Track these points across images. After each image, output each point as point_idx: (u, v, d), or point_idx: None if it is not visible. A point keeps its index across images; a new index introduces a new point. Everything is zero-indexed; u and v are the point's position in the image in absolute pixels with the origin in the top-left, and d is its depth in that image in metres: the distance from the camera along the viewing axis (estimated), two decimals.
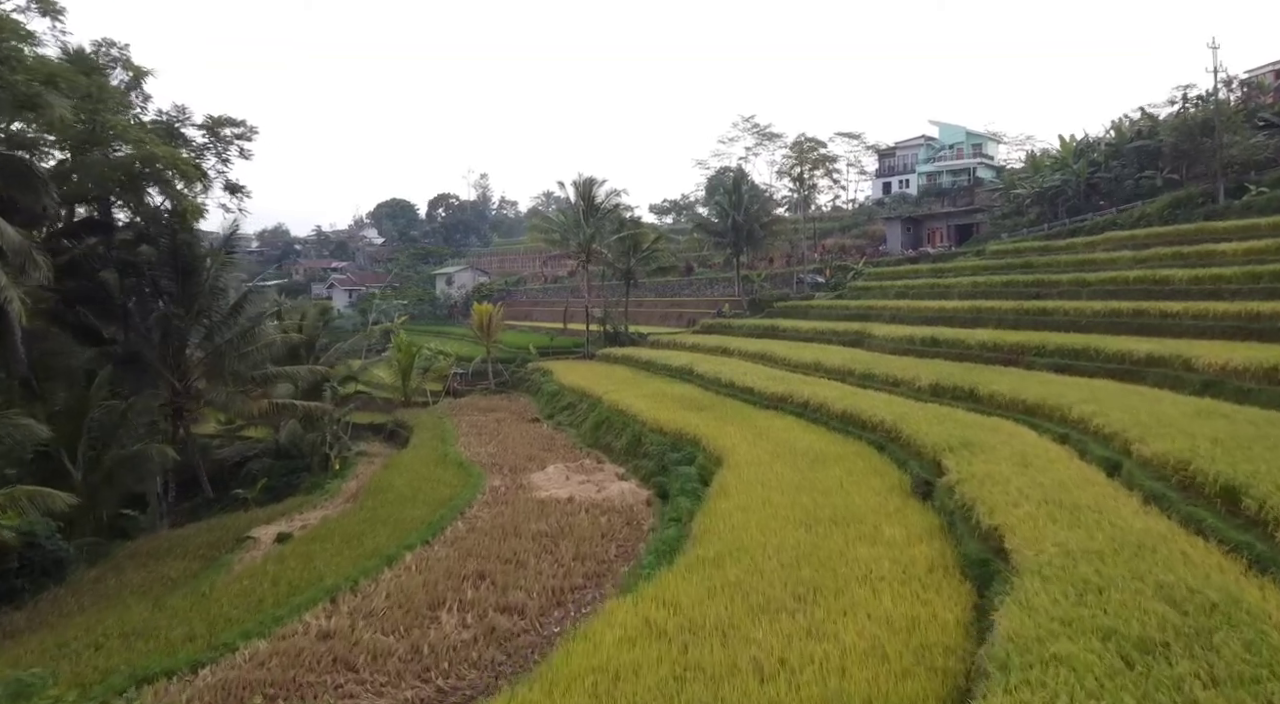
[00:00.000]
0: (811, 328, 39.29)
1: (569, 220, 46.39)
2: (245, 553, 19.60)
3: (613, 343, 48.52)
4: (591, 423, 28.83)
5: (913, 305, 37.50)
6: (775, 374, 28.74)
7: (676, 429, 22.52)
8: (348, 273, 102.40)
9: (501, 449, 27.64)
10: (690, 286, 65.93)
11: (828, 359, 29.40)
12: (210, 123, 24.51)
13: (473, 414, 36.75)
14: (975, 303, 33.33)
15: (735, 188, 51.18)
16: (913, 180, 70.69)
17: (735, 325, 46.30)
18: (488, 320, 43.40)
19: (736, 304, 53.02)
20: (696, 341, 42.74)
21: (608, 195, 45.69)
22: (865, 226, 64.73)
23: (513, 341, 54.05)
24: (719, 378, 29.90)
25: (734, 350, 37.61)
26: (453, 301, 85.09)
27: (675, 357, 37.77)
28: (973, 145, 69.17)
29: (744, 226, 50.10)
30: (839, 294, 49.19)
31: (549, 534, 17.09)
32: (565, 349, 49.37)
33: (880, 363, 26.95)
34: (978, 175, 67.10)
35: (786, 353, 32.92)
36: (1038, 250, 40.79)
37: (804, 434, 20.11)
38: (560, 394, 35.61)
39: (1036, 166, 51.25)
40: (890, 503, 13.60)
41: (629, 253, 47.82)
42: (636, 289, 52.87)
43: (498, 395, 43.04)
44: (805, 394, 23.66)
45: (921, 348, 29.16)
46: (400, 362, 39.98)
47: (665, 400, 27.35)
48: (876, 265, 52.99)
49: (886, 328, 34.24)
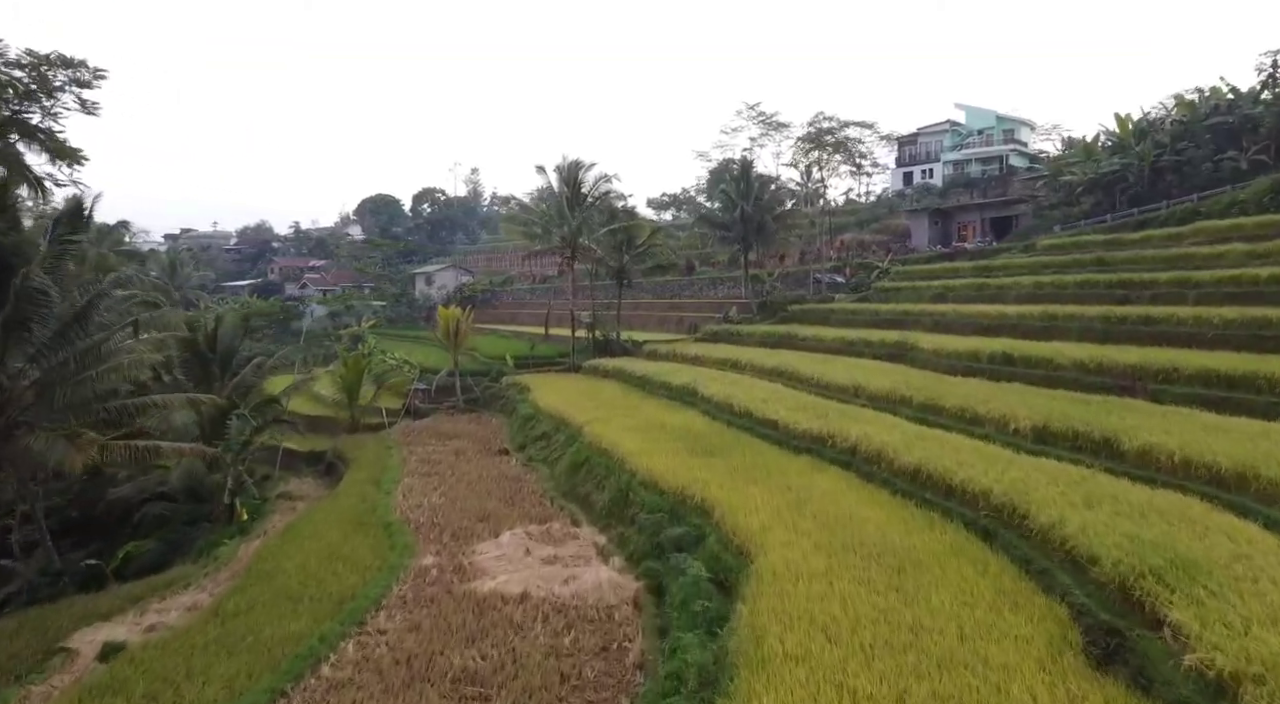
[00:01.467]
0: (837, 337, 33.13)
1: (551, 211, 40.23)
2: (47, 679, 13.52)
3: (603, 352, 42.38)
4: (568, 463, 22.67)
5: (959, 311, 31.35)
6: (803, 400, 22.59)
7: (677, 486, 16.38)
8: (322, 272, 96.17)
9: (450, 499, 21.47)
10: (691, 287, 59.79)
11: (870, 380, 23.24)
12: (35, 61, 18.34)
13: (429, 442, 30.58)
14: (1045, 308, 27.18)
15: (743, 175, 45.09)
16: (937, 170, 64.63)
17: (745, 333, 40.16)
18: (454, 326, 37.22)
19: (744, 307, 46.89)
20: (700, 352, 36.59)
21: (596, 181, 39.61)
22: (886, 220, 58.65)
23: (490, 350, 47.87)
24: (731, 404, 23.75)
25: (746, 365, 31.46)
26: (432, 303, 78.79)
27: (675, 372, 31.62)
28: (1004, 131, 63.12)
29: (753, 219, 44.00)
30: (863, 296, 43.10)
31: (479, 678, 11.03)
32: (548, 360, 43.21)
33: (942, 388, 20.81)
34: (1010, 163, 61.02)
35: (812, 370, 26.78)
36: (1105, 245, 34.68)
37: (864, 504, 13.98)
38: (534, 419, 29.45)
39: (1088, 151, 45.11)
40: (1064, 688, 7.49)
41: (621, 248, 41.71)
42: (631, 290, 46.76)
43: (466, 415, 36.88)
44: (852, 434, 17.54)
45: (990, 366, 23.01)
46: (345, 377, 33.70)
47: (662, 436, 21.20)
48: (904, 263, 46.90)
49: (934, 339, 28.10)
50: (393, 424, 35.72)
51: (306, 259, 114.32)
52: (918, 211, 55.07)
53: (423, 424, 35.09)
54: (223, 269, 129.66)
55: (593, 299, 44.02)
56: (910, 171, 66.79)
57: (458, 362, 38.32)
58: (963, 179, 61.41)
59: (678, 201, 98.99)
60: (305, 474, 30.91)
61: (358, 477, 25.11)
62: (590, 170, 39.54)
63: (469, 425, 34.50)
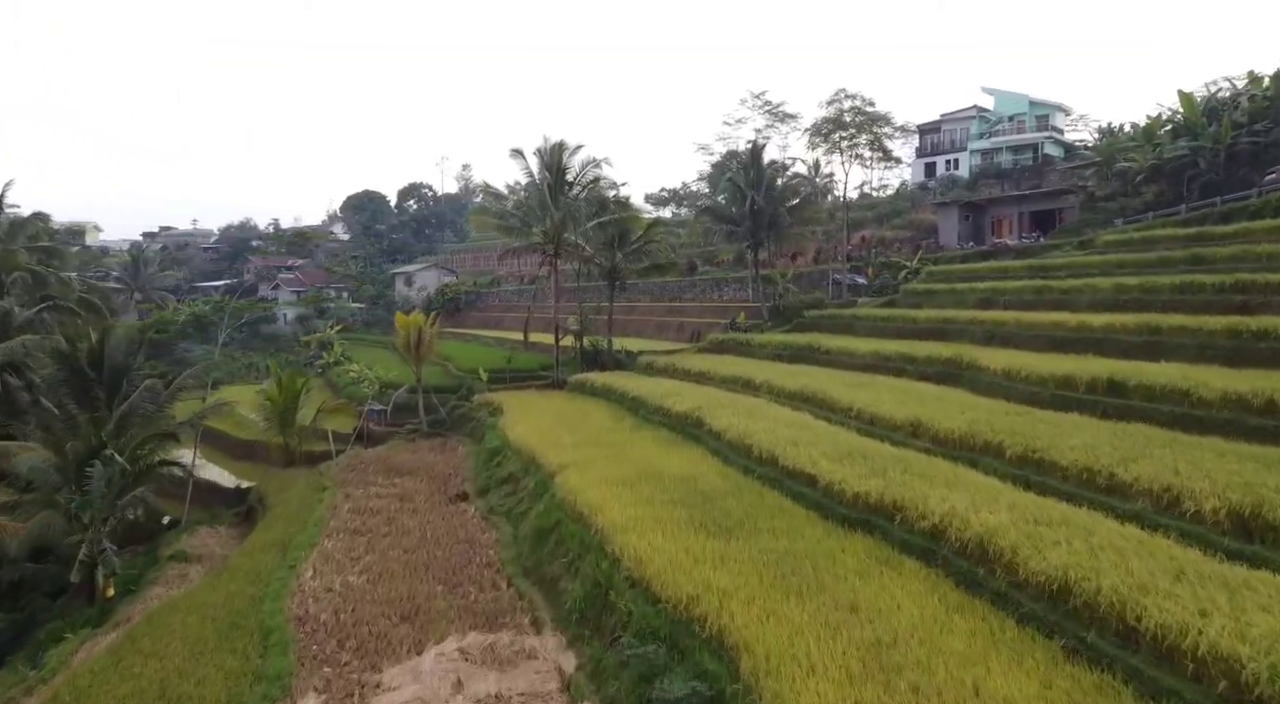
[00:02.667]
0: (872, 351, 27.71)
1: (531, 202, 34.79)
2: None
3: (592, 365, 36.96)
4: (534, 526, 17.27)
5: (1023, 320, 25.92)
6: (844, 440, 17.15)
7: (680, 596, 10.93)
8: (297, 272, 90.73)
9: (374, 578, 16.05)
10: (693, 288, 54.43)
11: (931, 413, 17.80)
12: None
13: (375, 480, 25.18)
14: (1144, 318, 21.70)
15: (753, 162, 39.66)
16: (963, 160, 59.22)
17: (756, 343, 34.74)
18: (415, 336, 31.76)
19: (754, 312, 41.53)
20: (705, 367, 31.16)
21: (584, 166, 34.19)
22: (910, 215, 53.23)
23: (467, 360, 42.45)
24: (748, 443, 18.30)
25: (761, 385, 26.05)
26: (411, 305, 73.32)
27: (677, 393, 26.18)
28: (1037, 116, 57.72)
29: (765, 212, 38.57)
30: (890, 300, 37.72)
31: None
32: (528, 373, 37.77)
33: (1040, 429, 15.34)
34: (1045, 152, 55.63)
35: (849, 395, 21.36)
36: (1187, 240, 29.26)
37: (991, 658, 8.55)
38: (502, 455, 24.05)
39: (1148, 134, 39.73)
40: None
41: (613, 244, 36.30)
42: (624, 292, 41.29)
43: (429, 441, 31.50)
44: (931, 506, 12.13)
45: (1091, 397, 17.56)
46: (274, 402, 28.09)
47: (658, 493, 15.74)
48: (935, 262, 41.52)
49: (998, 356, 22.66)
50: (341, 452, 30.32)
51: (285, 258, 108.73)
52: (946, 205, 49.68)
53: (376, 453, 29.66)
54: (200, 269, 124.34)
55: (580, 302, 38.61)
56: (932, 162, 61.38)
57: (421, 377, 32.85)
58: (992, 170, 56.05)
59: (677, 197, 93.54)
60: (223, 518, 25.48)
61: (264, 537, 19.68)
62: (576, 153, 34.18)
63: (429, 455, 29.08)
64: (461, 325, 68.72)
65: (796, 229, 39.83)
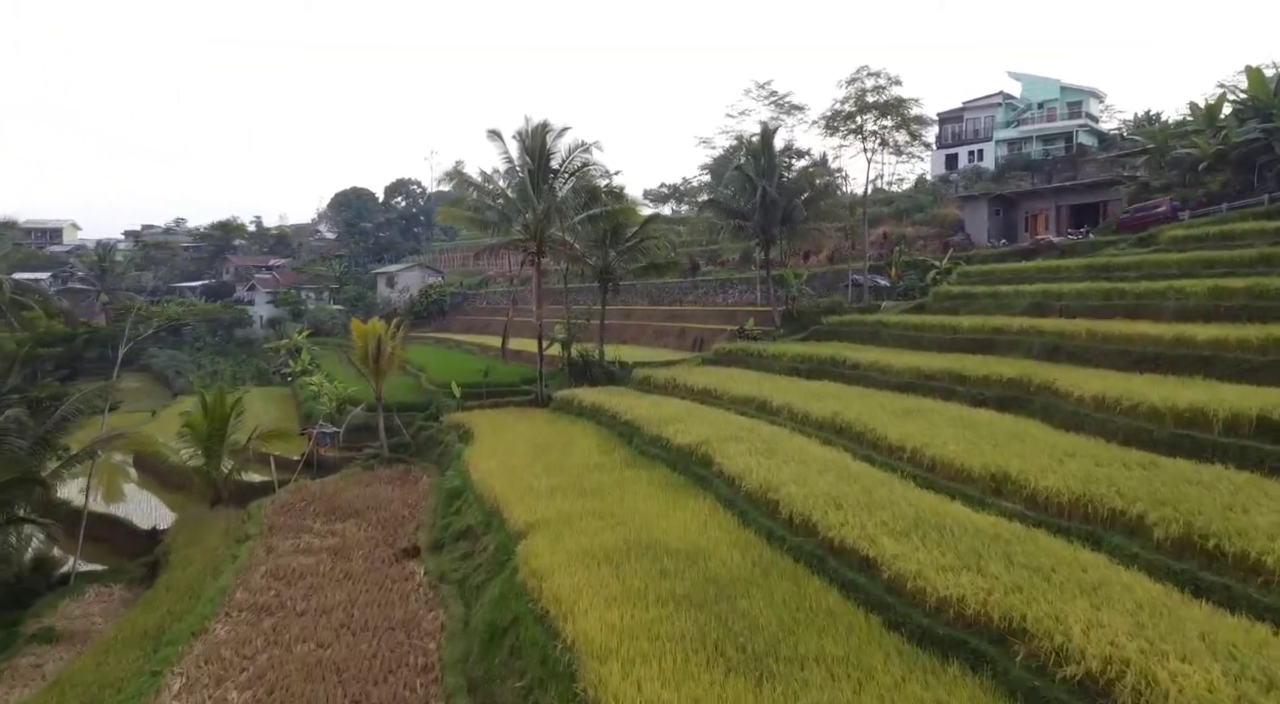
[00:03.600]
0: (909, 367, 23.35)
1: (510, 191, 30.40)
2: None
3: (581, 378, 32.62)
4: (487, 618, 12.88)
5: (1094, 330, 21.61)
6: (905, 499, 12.78)
7: None
8: (275, 272, 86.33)
9: (260, 696, 11.70)
10: (695, 290, 50.10)
11: (1020, 462, 13.40)
12: None
13: (311, 525, 20.82)
14: (1268, 331, 17.38)
15: (764, 148, 35.32)
16: (988, 150, 54.98)
17: (770, 354, 30.39)
18: (374, 347, 27.37)
19: (764, 317, 37.25)
20: (712, 383, 26.81)
21: (571, 151, 29.78)
22: (933, 210, 48.93)
23: (443, 370, 38.10)
24: (774, 498, 13.91)
25: (781, 408, 21.71)
26: (392, 308, 69.05)
27: (679, 418, 21.84)
28: (1069, 103, 53.41)
29: (778, 204, 34.23)
30: (919, 304, 33.47)
31: None
32: (508, 387, 33.41)
33: (1193, 494, 10.96)
34: (1079, 141, 51.35)
35: (897, 429, 17.03)
36: (1277, 235, 25.02)
37: None
38: (463, 498, 19.71)
39: (1210, 116, 35.40)
40: None
41: (605, 241, 31.97)
42: (619, 295, 36.90)
43: (389, 469, 27.20)
44: (1084, 645, 7.80)
45: (1236, 442, 13.19)
46: (196, 430, 23.55)
47: (655, 580, 11.36)
48: (968, 261, 37.22)
49: (1076, 377, 18.32)
50: (285, 483, 26.00)
51: (266, 258, 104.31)
52: (974, 199, 45.38)
53: (324, 485, 25.31)
54: (181, 269, 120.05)
55: (567, 306, 34.28)
56: (954, 153, 57.10)
57: (381, 395, 28.46)
58: (1020, 161, 51.80)
59: (678, 193, 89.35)
60: (126, 572, 21.07)
61: (139, 621, 15.33)
62: (562, 136, 29.76)
63: (385, 489, 24.73)
64: (447, 329, 64.45)
65: (812, 224, 35.46)
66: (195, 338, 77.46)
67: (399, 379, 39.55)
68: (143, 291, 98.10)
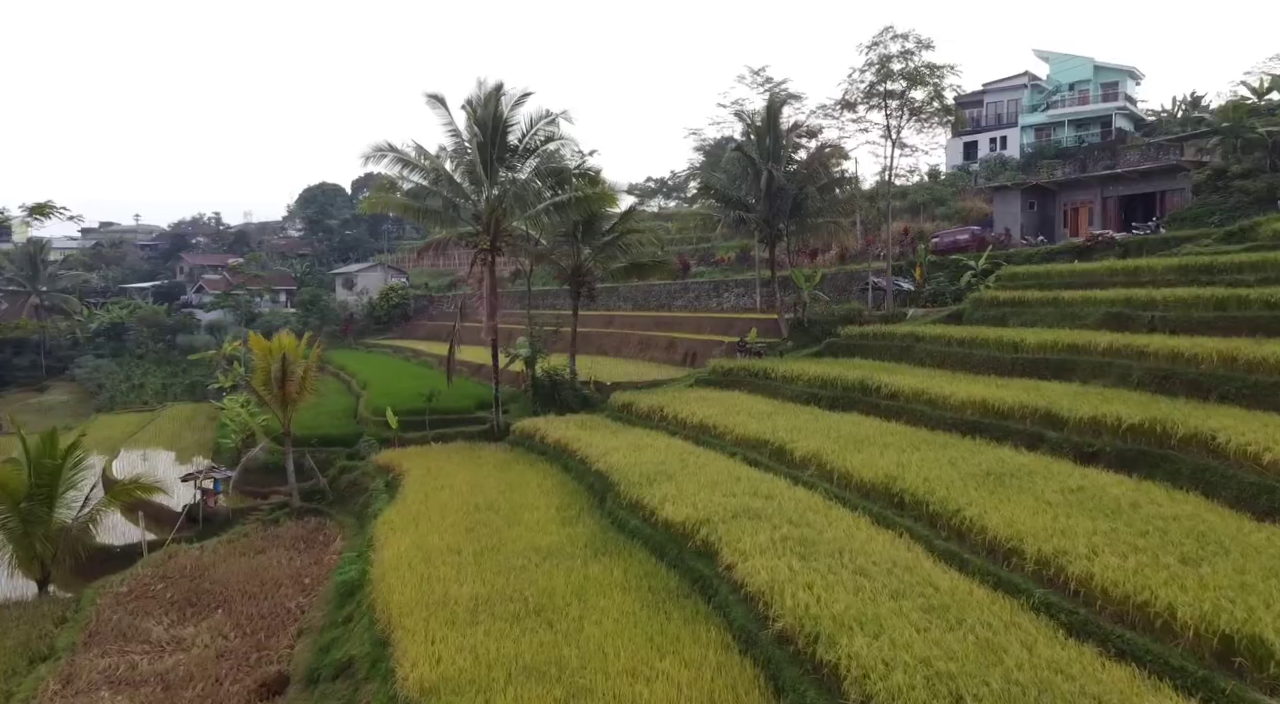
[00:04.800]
0: (971, 399, 17.72)
1: (459, 173, 24.64)
2: None
3: (548, 402, 26.90)
4: None
5: (1224, 352, 16.16)
6: (1067, 684, 7.23)
7: None
8: (224, 273, 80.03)
9: None
10: (686, 294, 44.48)
11: (1249, 598, 7.91)
12: None
13: (150, 629, 15.01)
14: None
15: (770, 125, 29.71)
16: (1012, 137, 49.70)
17: (780, 374, 24.74)
18: (278, 370, 21.52)
19: (768, 326, 31.70)
20: (711, 415, 21.13)
21: (534, 124, 24.10)
22: (955, 204, 43.59)
23: (386, 389, 32.29)
24: (831, 655, 8.28)
25: (807, 461, 16.09)
26: (349, 312, 63.05)
27: (670, 473, 16.18)
28: (1103, 84, 48.16)
29: (787, 191, 28.69)
30: (954, 313, 28.16)
31: None
32: (459, 415, 27.64)
33: None
34: (1117, 126, 46.13)
35: (996, 513, 11.38)
36: None
37: None
38: (357, 600, 13.96)
39: None
40: None
41: (577, 234, 26.33)
42: (595, 300, 31.14)
43: (297, 526, 21.41)
44: None
45: None
46: (11, 488, 17.06)
47: None
48: (1008, 259, 31.82)
49: (1253, 428, 12.84)
50: (158, 547, 20.20)
51: (224, 256, 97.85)
52: (1004, 190, 40.01)
53: (200, 553, 19.50)
54: (134, 268, 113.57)
55: (529, 313, 28.60)
56: (973, 141, 51.77)
57: (289, 429, 22.60)
58: (1051, 149, 46.55)
59: (665, 187, 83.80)
60: None
61: None
62: (522, 104, 24.04)
63: (282, 558, 18.95)
64: (411, 336, 58.56)
65: (827, 217, 29.92)
66: (137, 344, 71.20)
67: (336, 400, 33.72)
68: (90, 292, 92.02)
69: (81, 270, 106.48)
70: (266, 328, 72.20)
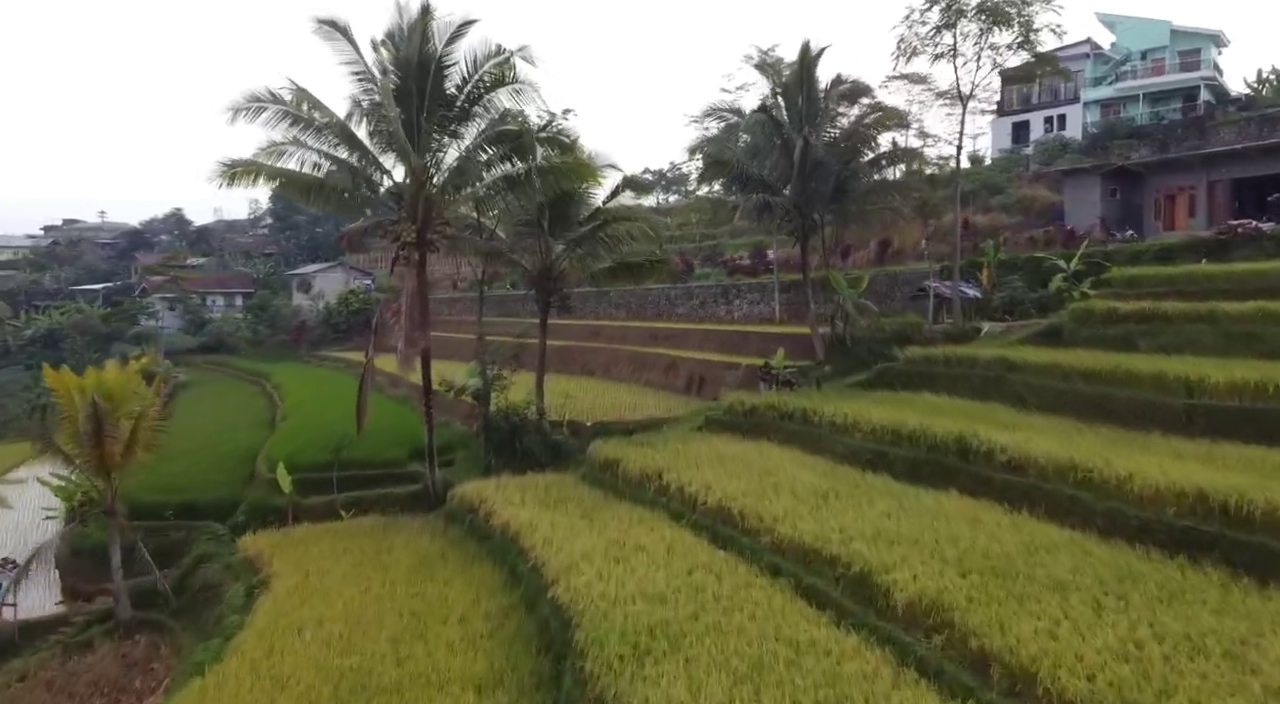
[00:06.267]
0: (1171, 486, 10.75)
1: (371, 138, 17.61)
2: None
3: (505, 452, 19.82)
4: None
5: None
6: None
7: None
8: (174, 273, 73.00)
9: None
10: (689, 300, 37.57)
11: None
12: None
13: None
14: None
15: (803, 80, 22.71)
16: (1072, 115, 42.85)
17: (824, 418, 17.64)
18: (89, 422, 14.58)
19: (797, 344, 24.75)
20: (733, 494, 14.08)
21: (478, 65, 17.15)
22: (1014, 192, 36.74)
23: (303, 427, 25.36)
24: None
25: (927, 613, 9.09)
26: (302, 318, 56.03)
27: (675, 622, 9.30)
28: (1181, 52, 41.30)
29: (827, 168, 21.77)
30: (1050, 330, 21.36)
31: None
32: (383, 469, 20.52)
33: None
34: (1204, 101, 39.28)
35: None
36: None
37: None
38: None
39: None
40: None
41: (543, 222, 19.36)
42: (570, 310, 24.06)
43: (125, 647, 14.45)
44: None
45: None
46: None
47: None
48: (1106, 257, 24.94)
49: None
50: None
51: (183, 255, 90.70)
52: (1079, 174, 33.18)
53: None
54: (89, 268, 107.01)
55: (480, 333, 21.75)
56: (1023, 121, 44.86)
57: (115, 503, 15.60)
58: (1124, 127, 39.67)
59: (665, 180, 76.93)
60: None
61: None
62: (462, 37, 17.06)
63: None
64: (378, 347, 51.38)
65: (878, 203, 23.00)
66: (72, 353, 64.38)
67: (236, 438, 26.65)
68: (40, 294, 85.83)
69: (30, 271, 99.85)
70: (217, 335, 65.47)
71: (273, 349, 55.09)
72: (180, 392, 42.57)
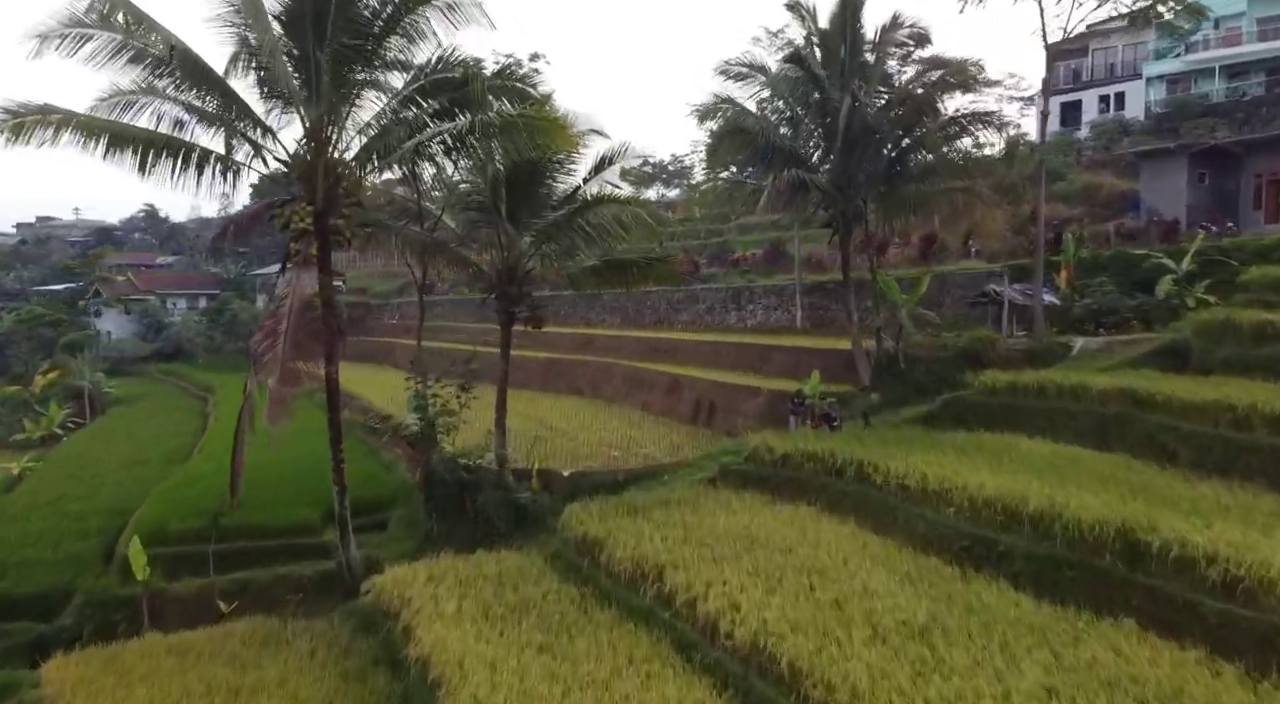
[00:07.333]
0: None
1: (255, 76, 12.65)
2: None
3: (455, 513, 14.80)
4: None
5: None
6: None
7: None
8: (129, 273, 68.11)
9: None
10: (695, 305, 32.54)
11: None
12: None
13: None
14: None
15: (846, 23, 17.66)
16: (1133, 93, 37.96)
17: (891, 480, 12.49)
18: None
19: (832, 362, 19.72)
20: (776, 622, 9.04)
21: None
22: (1075, 179, 31.83)
23: (202, 476, 20.31)
24: None
25: None
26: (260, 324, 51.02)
27: None
28: (1260, 19, 36.36)
29: (880, 136, 16.77)
30: (1166, 347, 16.44)
31: None
32: (279, 538, 15.44)
33: None
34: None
35: None
36: None
37: None
38: None
39: None
40: None
41: (500, 205, 14.39)
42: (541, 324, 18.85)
43: None
44: None
45: None
46: None
47: None
48: (1227, 255, 20.00)
49: None
50: None
51: (149, 255, 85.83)
52: (1160, 156, 28.28)
53: None
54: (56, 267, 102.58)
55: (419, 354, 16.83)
56: (1074, 101, 39.88)
57: None
58: (1196, 106, 34.77)
59: (667, 174, 71.83)
60: None
61: None
62: None
63: None
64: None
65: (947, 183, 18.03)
66: (18, 360, 59.69)
67: (119, 486, 21.49)
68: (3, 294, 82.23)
69: None
70: (176, 341, 60.55)
71: (229, 358, 50.16)
72: (111, 409, 37.56)
